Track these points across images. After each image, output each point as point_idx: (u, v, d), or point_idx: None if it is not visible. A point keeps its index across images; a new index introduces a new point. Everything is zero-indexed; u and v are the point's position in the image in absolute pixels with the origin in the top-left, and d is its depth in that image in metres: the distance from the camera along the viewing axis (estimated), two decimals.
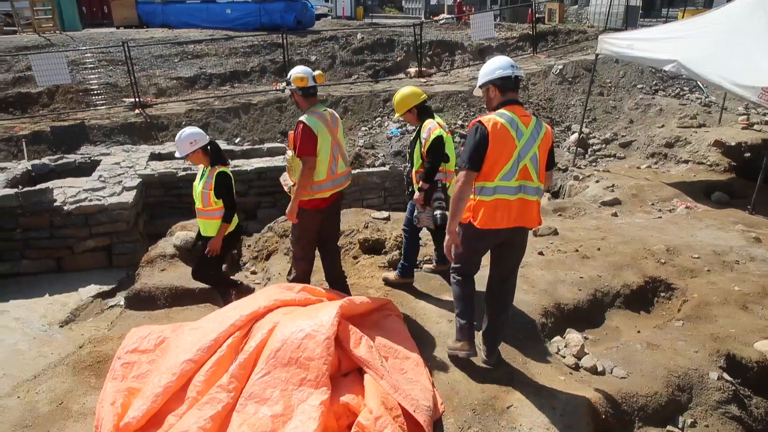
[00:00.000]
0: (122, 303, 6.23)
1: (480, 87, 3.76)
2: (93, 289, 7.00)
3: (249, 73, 16.50)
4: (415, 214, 4.88)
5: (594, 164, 12.37)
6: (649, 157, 12.05)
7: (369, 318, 4.02)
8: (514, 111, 3.57)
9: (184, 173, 8.62)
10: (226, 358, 3.61)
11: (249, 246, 7.66)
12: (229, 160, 5.88)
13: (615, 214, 8.40)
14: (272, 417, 3.21)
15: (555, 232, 6.86)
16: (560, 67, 15.60)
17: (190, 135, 5.08)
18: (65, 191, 7.81)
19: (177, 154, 5.12)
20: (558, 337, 4.76)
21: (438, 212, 4.64)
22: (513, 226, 3.64)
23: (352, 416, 3.31)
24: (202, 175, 5.16)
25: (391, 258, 5.73)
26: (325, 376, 3.33)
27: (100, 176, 8.42)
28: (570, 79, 15.30)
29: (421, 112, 5.01)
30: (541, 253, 6.19)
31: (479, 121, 3.55)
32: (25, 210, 7.28)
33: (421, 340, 4.44)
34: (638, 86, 14.76)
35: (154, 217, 8.63)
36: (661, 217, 8.11)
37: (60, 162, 9.39)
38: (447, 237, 3.66)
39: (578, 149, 12.58)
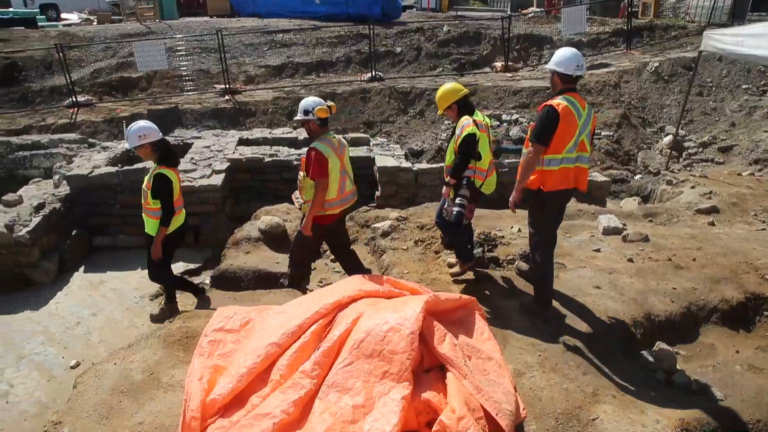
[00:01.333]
0: (208, 282, 6.48)
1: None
2: (180, 266, 7.30)
3: (335, 63, 16.72)
4: (445, 206, 5.01)
5: (689, 169, 11.66)
6: (752, 164, 11.20)
7: (453, 315, 3.95)
8: (573, 96, 4.33)
9: (270, 159, 8.83)
10: (309, 345, 3.65)
11: None
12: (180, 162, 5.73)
13: (712, 223, 7.86)
14: (353, 407, 3.22)
15: (646, 239, 6.51)
16: (656, 64, 14.77)
17: (140, 129, 5.01)
18: None
19: (126, 146, 5.17)
20: (647, 350, 4.53)
21: (456, 209, 4.83)
22: (571, 188, 4.51)
23: (433, 414, 3.26)
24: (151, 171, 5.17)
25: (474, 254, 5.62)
26: (408, 370, 3.30)
27: (192, 158, 8.77)
28: (666, 78, 14.47)
29: (462, 108, 5.00)
30: (630, 260, 5.90)
31: (549, 105, 4.26)
32: (124, 188, 7.71)
33: (504, 341, 4.34)
34: (743, 86, 13.73)
35: (240, 201, 8.91)
36: (765, 229, 7.51)
37: None
38: (513, 194, 4.46)
39: (672, 152, 11.88)
